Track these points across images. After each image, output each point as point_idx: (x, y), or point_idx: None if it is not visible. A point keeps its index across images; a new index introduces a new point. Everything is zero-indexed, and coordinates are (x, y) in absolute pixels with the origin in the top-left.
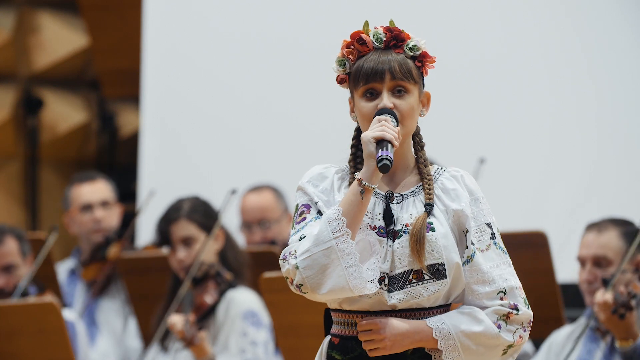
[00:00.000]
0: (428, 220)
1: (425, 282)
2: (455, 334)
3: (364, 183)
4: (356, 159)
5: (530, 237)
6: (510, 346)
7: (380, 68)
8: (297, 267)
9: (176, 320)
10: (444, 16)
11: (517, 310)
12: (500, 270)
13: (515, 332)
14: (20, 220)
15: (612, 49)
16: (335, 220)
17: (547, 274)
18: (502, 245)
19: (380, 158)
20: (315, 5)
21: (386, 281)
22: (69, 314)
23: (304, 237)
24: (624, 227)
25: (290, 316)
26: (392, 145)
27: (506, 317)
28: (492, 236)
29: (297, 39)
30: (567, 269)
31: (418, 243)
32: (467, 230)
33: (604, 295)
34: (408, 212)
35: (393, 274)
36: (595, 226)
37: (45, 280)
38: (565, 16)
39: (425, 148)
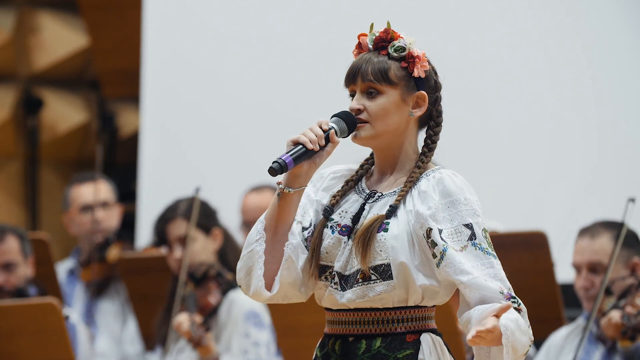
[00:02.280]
0: (387, 220)
1: (371, 282)
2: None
3: (280, 186)
4: (369, 160)
5: (530, 237)
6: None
7: (354, 70)
8: (237, 269)
9: (182, 320)
10: (444, 17)
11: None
12: (477, 272)
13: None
14: (20, 220)
15: (612, 49)
16: (260, 223)
17: (547, 274)
18: (484, 245)
19: (273, 160)
20: (315, 6)
21: (336, 279)
22: (72, 315)
23: None
24: (616, 230)
25: (290, 316)
26: (307, 148)
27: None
28: (472, 237)
29: (297, 40)
30: (567, 269)
31: (362, 243)
32: (431, 229)
33: (614, 318)
34: (374, 212)
35: (347, 273)
36: (588, 231)
37: (45, 280)
38: (565, 16)
39: (434, 151)
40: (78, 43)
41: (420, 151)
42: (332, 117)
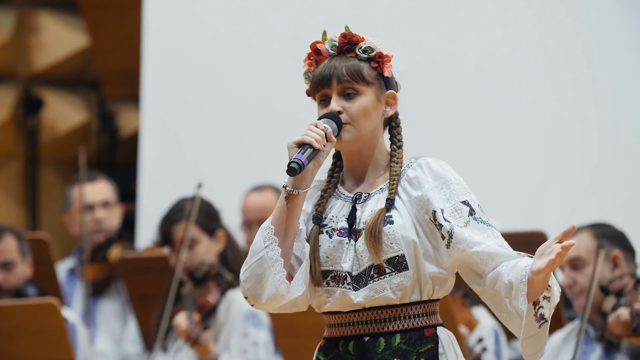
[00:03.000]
0: (388, 213)
1: (387, 275)
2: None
3: (287, 189)
4: (334, 169)
5: (530, 237)
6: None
7: (327, 74)
8: (241, 281)
9: (180, 319)
10: (444, 17)
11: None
12: (489, 242)
13: None
14: (20, 220)
15: (612, 49)
16: (266, 229)
17: None
18: (484, 219)
19: (289, 161)
20: (315, 5)
21: (348, 280)
22: (71, 315)
23: None
24: (598, 228)
25: (289, 316)
26: (314, 148)
27: None
28: (471, 212)
29: (297, 39)
30: None
31: (373, 238)
32: (435, 211)
33: (623, 315)
34: (369, 210)
35: (357, 272)
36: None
37: (45, 280)
38: (565, 16)
39: (403, 147)
40: (78, 43)
41: (389, 150)
42: (321, 119)
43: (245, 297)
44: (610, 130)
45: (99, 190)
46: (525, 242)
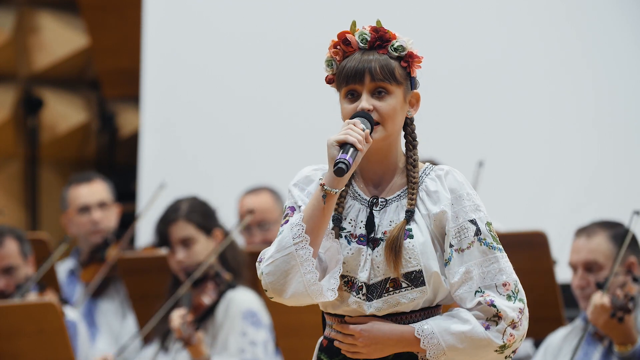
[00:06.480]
0: (408, 226)
1: (403, 290)
2: (438, 332)
3: (326, 188)
4: None
5: (530, 237)
6: (503, 347)
7: (360, 69)
8: (262, 274)
9: (174, 317)
10: (444, 17)
11: (495, 307)
12: (481, 269)
13: (504, 332)
14: (20, 220)
15: (612, 49)
16: (297, 226)
17: (547, 274)
18: (490, 240)
19: (336, 161)
20: (316, 4)
21: (364, 290)
22: (71, 313)
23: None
24: (613, 229)
25: (290, 316)
26: (356, 148)
27: (496, 318)
28: (477, 232)
29: (297, 39)
30: (567, 269)
31: (393, 252)
32: (446, 233)
33: (601, 299)
34: (388, 219)
35: (372, 282)
36: (584, 231)
37: (45, 280)
38: (565, 16)
39: (418, 147)
40: (78, 43)
41: (404, 149)
42: (354, 118)
43: (265, 290)
44: (611, 130)
45: (95, 190)
46: (525, 242)
